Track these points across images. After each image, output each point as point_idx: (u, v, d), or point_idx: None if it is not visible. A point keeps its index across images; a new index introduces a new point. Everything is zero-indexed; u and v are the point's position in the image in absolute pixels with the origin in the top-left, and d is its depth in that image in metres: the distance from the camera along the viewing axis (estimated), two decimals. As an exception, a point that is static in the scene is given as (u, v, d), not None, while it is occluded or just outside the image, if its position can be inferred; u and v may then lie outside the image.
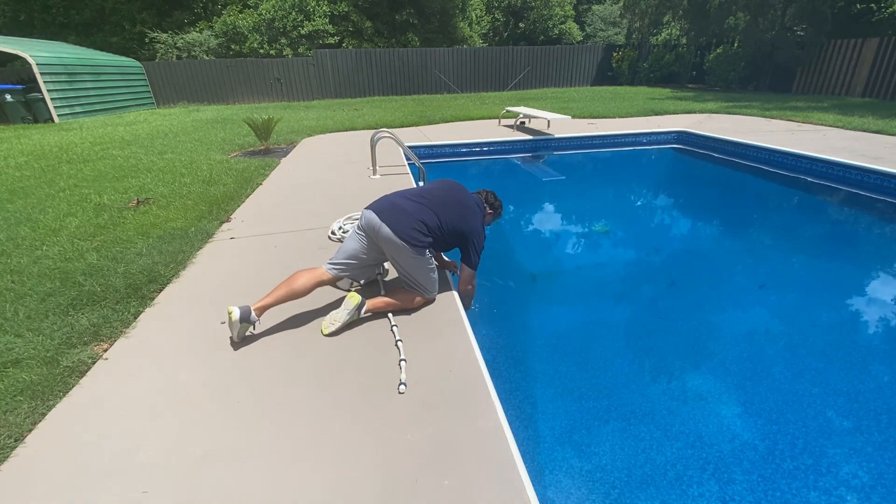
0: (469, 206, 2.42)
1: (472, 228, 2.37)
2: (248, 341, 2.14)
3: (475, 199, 2.51)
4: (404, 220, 2.20)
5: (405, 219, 2.20)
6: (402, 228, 2.17)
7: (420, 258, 2.24)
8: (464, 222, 2.35)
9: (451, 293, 2.52)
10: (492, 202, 2.63)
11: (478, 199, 2.54)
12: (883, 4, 12.68)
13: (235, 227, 3.65)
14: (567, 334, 2.90)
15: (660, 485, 1.79)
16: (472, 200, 2.48)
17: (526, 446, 1.95)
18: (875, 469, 1.83)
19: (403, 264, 2.29)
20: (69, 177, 5.18)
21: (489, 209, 2.61)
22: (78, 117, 11.06)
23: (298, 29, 16.28)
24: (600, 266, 3.92)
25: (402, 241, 2.17)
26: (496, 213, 2.70)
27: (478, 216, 2.43)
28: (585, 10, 28.63)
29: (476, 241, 2.39)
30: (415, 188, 2.52)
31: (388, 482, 1.39)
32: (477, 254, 2.42)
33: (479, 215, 2.45)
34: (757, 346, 2.69)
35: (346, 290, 2.57)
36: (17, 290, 2.59)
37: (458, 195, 2.44)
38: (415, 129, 8.39)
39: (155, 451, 1.53)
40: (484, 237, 2.47)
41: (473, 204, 2.46)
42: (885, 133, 6.89)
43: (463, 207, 2.39)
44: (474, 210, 2.43)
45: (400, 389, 1.78)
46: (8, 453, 1.53)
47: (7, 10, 16.18)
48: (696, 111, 9.83)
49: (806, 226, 4.92)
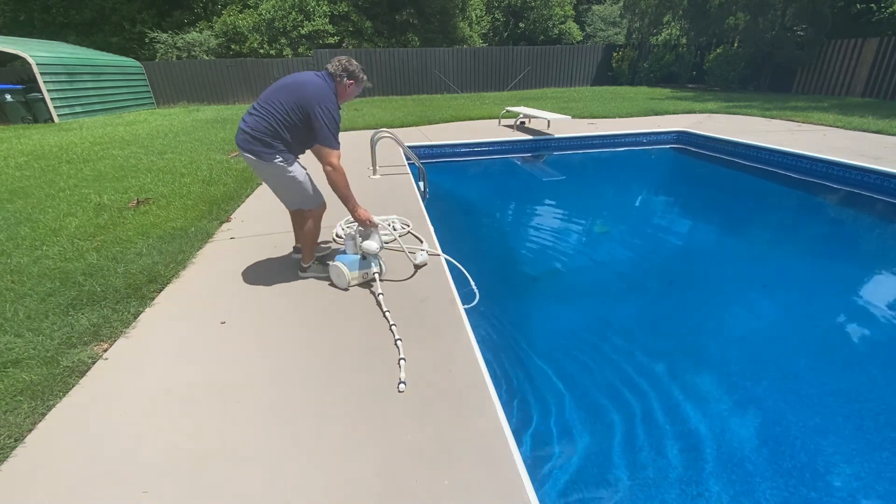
0: (305, 82, 2.24)
1: (310, 100, 2.18)
2: (248, 341, 2.14)
3: (319, 74, 2.31)
4: (246, 137, 2.24)
5: (246, 136, 2.24)
6: (245, 145, 2.24)
7: (273, 166, 2.28)
8: (302, 99, 2.19)
9: (451, 293, 2.52)
10: (346, 67, 2.32)
11: (323, 74, 2.32)
12: (883, 4, 12.66)
13: (235, 226, 3.65)
14: (567, 334, 2.90)
15: (660, 484, 1.79)
16: (312, 76, 2.28)
17: (526, 446, 1.95)
18: (876, 469, 1.83)
19: (269, 183, 2.44)
20: (69, 177, 5.18)
21: (348, 79, 2.34)
22: (78, 117, 11.06)
23: (298, 29, 16.27)
24: (600, 266, 3.92)
25: (252, 156, 2.24)
26: (357, 79, 2.38)
27: (320, 87, 2.23)
28: (585, 10, 28.63)
29: (321, 110, 2.17)
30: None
31: (387, 482, 1.39)
32: (328, 126, 2.19)
33: (323, 86, 2.25)
34: (757, 345, 2.69)
35: (343, 288, 2.59)
36: (17, 290, 2.59)
37: (292, 80, 2.28)
38: (415, 129, 8.39)
39: (155, 451, 1.53)
40: (334, 106, 2.25)
41: (313, 78, 2.26)
42: (885, 133, 6.88)
43: (296, 88, 2.23)
44: (314, 83, 2.24)
45: (399, 388, 1.78)
46: (8, 453, 1.53)
47: (7, 10, 16.18)
48: (696, 111, 9.82)
49: (806, 226, 4.92)
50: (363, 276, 2.62)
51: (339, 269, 2.55)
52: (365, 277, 2.63)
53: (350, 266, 2.56)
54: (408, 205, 4.06)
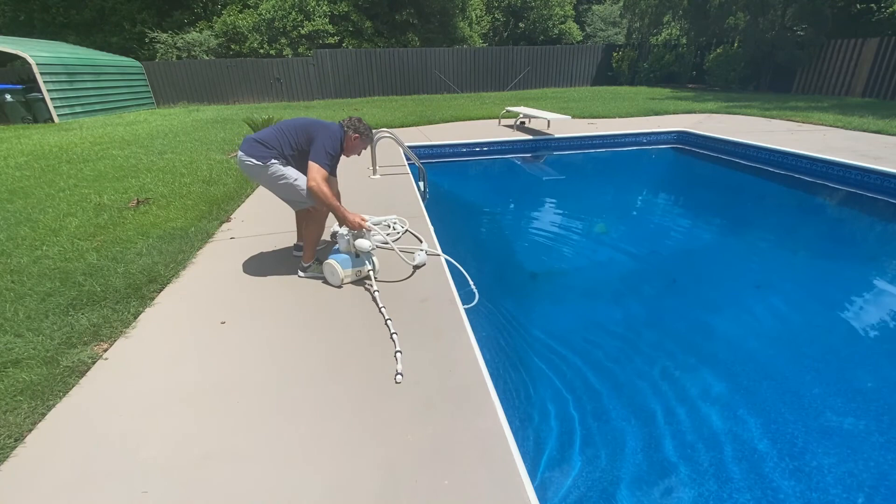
0: (322, 124, 2.56)
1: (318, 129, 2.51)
2: (248, 341, 2.14)
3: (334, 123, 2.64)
4: (250, 143, 2.51)
5: (250, 143, 2.51)
6: (247, 150, 2.50)
7: (268, 167, 2.47)
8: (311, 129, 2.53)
9: (451, 293, 2.52)
10: (355, 124, 2.65)
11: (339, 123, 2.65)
12: (883, 4, 12.67)
13: (235, 227, 3.65)
14: (567, 334, 2.90)
15: (659, 484, 1.79)
16: (328, 123, 2.61)
17: (526, 446, 1.95)
18: (876, 469, 1.83)
19: (269, 187, 2.59)
20: (69, 177, 5.18)
21: (353, 132, 2.64)
22: (78, 117, 11.05)
23: (298, 29, 16.27)
24: (600, 266, 3.92)
25: (250, 159, 2.47)
26: (362, 134, 2.68)
27: (331, 126, 2.57)
28: (585, 10, 28.63)
29: (325, 140, 2.48)
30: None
31: (388, 482, 1.39)
32: (326, 152, 2.46)
33: (335, 127, 2.58)
34: (756, 345, 2.69)
35: (336, 286, 2.61)
36: (17, 290, 2.59)
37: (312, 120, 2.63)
38: (415, 129, 8.39)
39: (155, 451, 1.53)
40: (338, 145, 2.56)
41: (328, 123, 2.60)
42: (885, 133, 6.88)
43: (314, 124, 2.57)
44: (328, 126, 2.57)
45: (397, 379, 1.82)
46: (8, 453, 1.53)
47: (7, 10, 16.16)
48: (696, 111, 9.83)
49: (806, 226, 4.92)
50: (356, 274, 2.65)
51: (332, 267, 2.58)
52: (358, 275, 2.65)
53: (343, 264, 2.59)
54: (408, 205, 4.06)
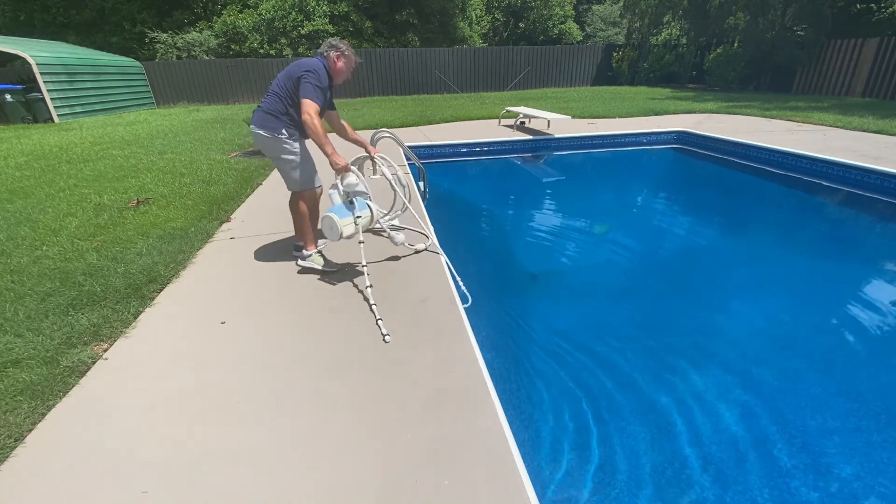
0: (300, 62, 2.54)
1: (300, 69, 2.47)
2: (248, 341, 2.14)
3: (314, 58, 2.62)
4: (260, 114, 2.58)
5: (260, 113, 2.58)
6: (258, 121, 2.57)
7: (278, 140, 2.55)
8: (293, 71, 2.50)
9: (451, 293, 2.52)
10: (331, 43, 2.62)
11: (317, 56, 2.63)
12: (883, 4, 12.67)
13: (235, 227, 3.65)
14: (567, 334, 2.90)
15: (659, 484, 1.79)
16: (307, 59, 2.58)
17: (526, 446, 1.95)
18: (876, 469, 1.83)
19: (274, 159, 2.64)
20: (69, 177, 5.18)
21: (335, 53, 2.61)
22: (78, 117, 11.05)
23: (298, 29, 16.26)
24: (600, 266, 3.92)
25: (262, 131, 2.54)
26: (341, 51, 2.63)
27: (311, 61, 2.54)
28: (585, 10, 28.64)
29: (307, 73, 2.45)
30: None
31: (387, 482, 1.39)
32: (313, 86, 2.43)
33: (315, 61, 2.55)
34: (756, 345, 2.69)
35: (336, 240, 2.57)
36: (17, 290, 2.59)
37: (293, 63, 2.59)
38: (415, 128, 8.39)
39: (155, 451, 1.53)
40: (322, 73, 2.51)
41: (308, 59, 2.58)
42: (885, 133, 6.88)
43: (292, 66, 2.55)
44: (307, 60, 2.55)
45: (385, 339, 2.06)
46: (8, 453, 1.53)
47: (7, 10, 16.16)
48: (696, 111, 9.82)
49: (806, 226, 4.91)
50: (356, 224, 2.52)
51: (330, 220, 2.46)
52: (359, 226, 2.54)
53: (339, 213, 2.47)
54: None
